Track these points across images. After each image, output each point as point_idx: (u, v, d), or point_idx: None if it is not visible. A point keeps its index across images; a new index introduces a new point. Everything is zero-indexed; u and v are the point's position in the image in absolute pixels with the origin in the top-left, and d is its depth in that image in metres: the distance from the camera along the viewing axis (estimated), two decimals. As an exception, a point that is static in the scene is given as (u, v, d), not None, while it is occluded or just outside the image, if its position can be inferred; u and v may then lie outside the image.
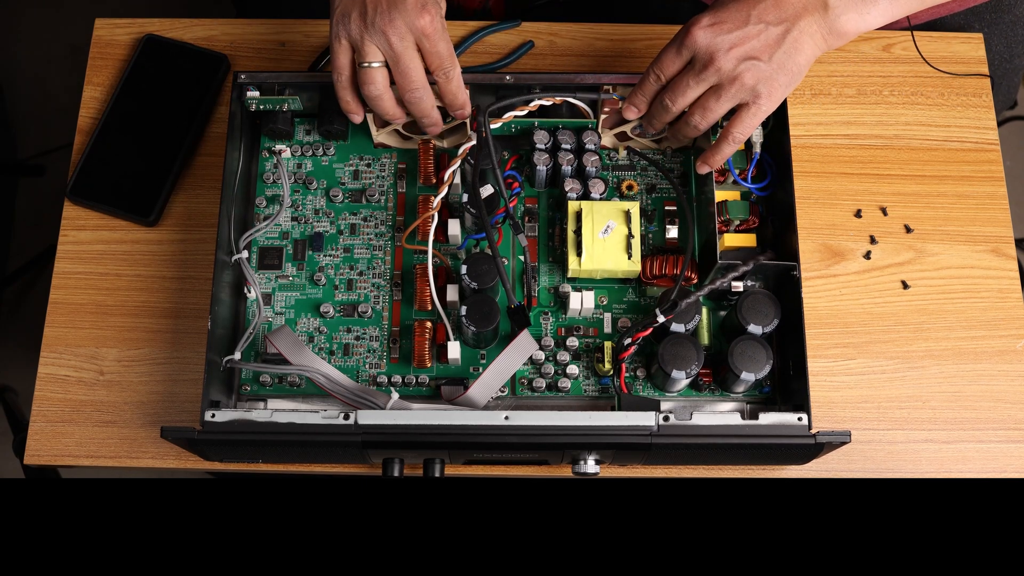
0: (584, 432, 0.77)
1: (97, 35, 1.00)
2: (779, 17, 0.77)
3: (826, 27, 0.78)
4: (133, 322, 0.90)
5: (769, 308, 0.83)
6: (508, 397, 0.87)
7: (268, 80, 0.89)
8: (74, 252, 0.93)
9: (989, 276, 0.92)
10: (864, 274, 0.92)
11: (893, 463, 0.87)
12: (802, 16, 0.78)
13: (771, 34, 0.77)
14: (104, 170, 0.94)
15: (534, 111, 0.88)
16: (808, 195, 0.94)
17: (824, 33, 0.79)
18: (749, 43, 0.77)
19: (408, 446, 0.79)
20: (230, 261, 0.86)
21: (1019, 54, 1.07)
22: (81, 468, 0.88)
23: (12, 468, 1.59)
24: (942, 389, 0.89)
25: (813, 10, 0.78)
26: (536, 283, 0.89)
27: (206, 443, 0.77)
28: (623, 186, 0.92)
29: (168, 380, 0.88)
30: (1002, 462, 0.87)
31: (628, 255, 0.86)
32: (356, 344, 0.88)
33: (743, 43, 0.77)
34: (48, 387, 0.88)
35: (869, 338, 0.90)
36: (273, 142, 0.93)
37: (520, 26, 1.00)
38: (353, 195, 0.92)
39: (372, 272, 0.90)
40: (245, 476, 0.97)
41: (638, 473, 0.87)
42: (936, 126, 0.97)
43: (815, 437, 0.77)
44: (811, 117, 0.98)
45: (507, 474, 0.88)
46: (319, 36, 1.00)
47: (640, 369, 0.87)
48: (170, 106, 0.96)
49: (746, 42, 0.77)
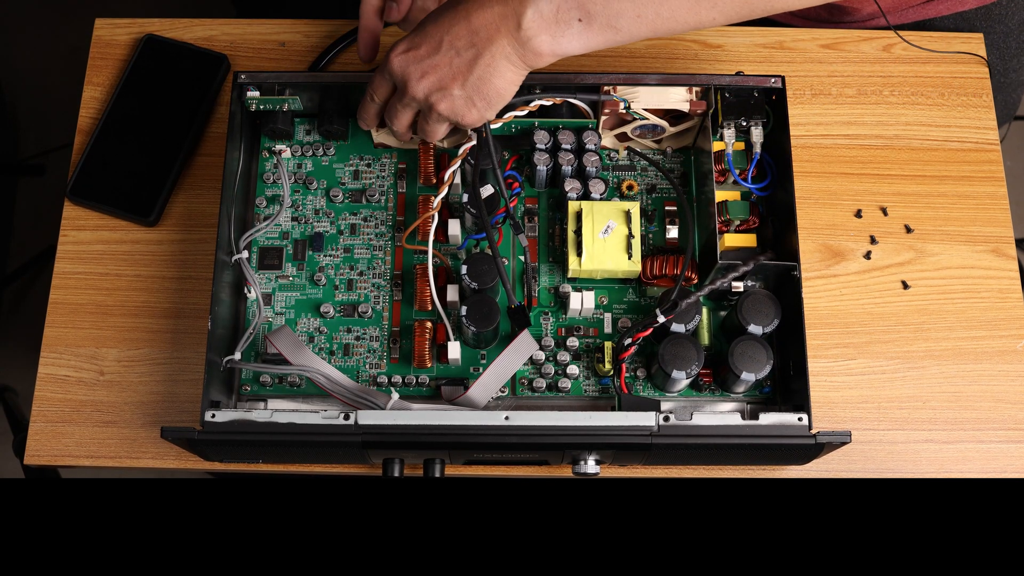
0: (584, 432, 0.77)
1: (97, 35, 1.00)
2: (470, 42, 0.76)
3: (520, 48, 0.76)
4: (133, 322, 0.90)
5: (769, 308, 0.83)
6: (508, 397, 0.87)
7: (268, 80, 0.89)
8: (74, 252, 0.93)
9: (989, 276, 0.92)
10: (864, 274, 0.92)
11: (893, 463, 0.87)
12: (494, 39, 0.76)
13: (462, 60, 0.76)
14: (104, 170, 0.94)
15: (534, 111, 0.88)
16: (808, 195, 0.94)
17: (520, 54, 0.76)
18: (439, 72, 0.77)
19: (408, 446, 0.79)
20: (230, 261, 0.86)
21: (1014, 68, 1.06)
22: (81, 468, 0.88)
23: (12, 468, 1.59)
24: (942, 389, 0.89)
25: (506, 32, 0.75)
26: (536, 283, 0.89)
27: (206, 443, 0.77)
28: (623, 186, 0.92)
29: (168, 380, 0.88)
30: (1002, 462, 0.87)
31: (628, 255, 0.86)
32: (356, 344, 0.88)
33: (433, 71, 0.77)
34: (48, 387, 0.88)
35: (869, 338, 0.90)
36: (273, 142, 0.93)
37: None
38: (353, 195, 0.92)
39: (372, 272, 0.90)
40: (245, 476, 0.98)
41: (638, 473, 0.87)
42: (936, 126, 0.97)
43: (815, 437, 0.77)
44: (811, 117, 0.98)
45: (507, 474, 0.88)
46: (319, 36, 1.00)
47: (640, 369, 0.87)
48: (170, 106, 0.96)
49: (436, 71, 0.77)
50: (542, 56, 0.76)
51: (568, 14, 0.74)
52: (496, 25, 0.75)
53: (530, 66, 0.77)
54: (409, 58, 0.78)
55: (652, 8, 0.75)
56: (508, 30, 0.75)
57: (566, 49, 0.76)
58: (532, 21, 0.74)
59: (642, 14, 0.75)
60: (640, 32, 0.76)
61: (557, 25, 0.75)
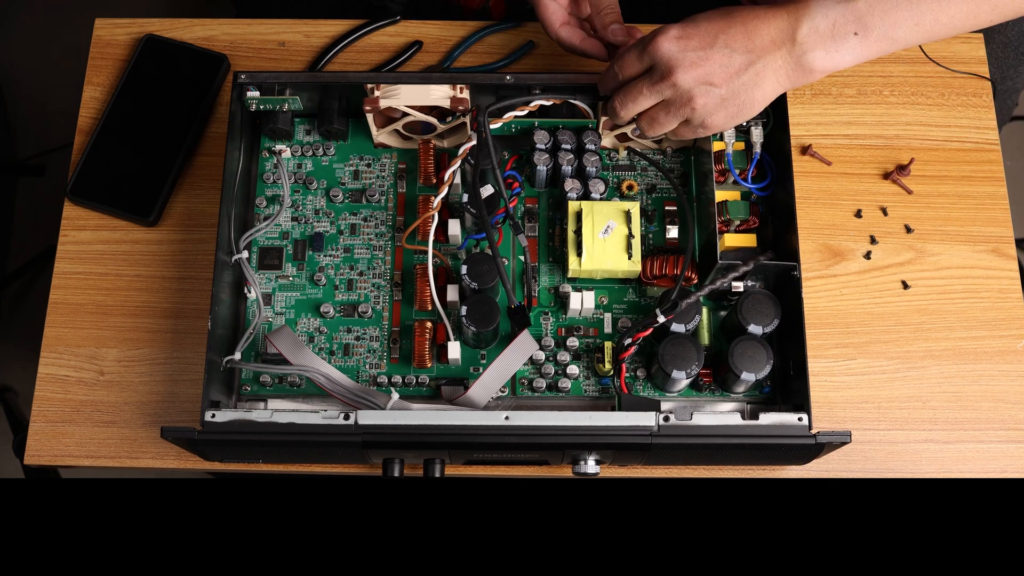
0: (584, 432, 0.77)
1: (97, 35, 1.00)
2: (747, 47, 0.75)
3: (792, 63, 0.75)
4: (133, 322, 0.90)
5: (769, 308, 0.83)
6: (508, 397, 0.87)
7: (268, 80, 0.89)
8: (74, 252, 0.93)
9: (989, 276, 0.92)
10: (864, 274, 0.92)
11: (893, 463, 0.87)
12: (770, 50, 0.75)
13: (735, 62, 0.76)
14: (104, 170, 0.94)
15: (534, 111, 0.88)
16: (808, 195, 0.94)
17: (789, 69, 0.76)
18: (710, 65, 0.76)
19: (408, 446, 0.79)
20: (230, 261, 0.86)
21: (1011, 76, 1.06)
22: (81, 468, 0.88)
23: (12, 468, 1.59)
24: (942, 389, 0.89)
25: (781, 44, 0.75)
26: (536, 283, 0.89)
27: (206, 443, 0.77)
28: (623, 186, 0.92)
29: (168, 380, 0.88)
30: (1002, 462, 0.87)
31: (628, 255, 0.86)
32: (356, 344, 0.88)
33: (704, 63, 0.76)
34: (48, 387, 0.88)
35: (869, 338, 0.90)
36: (273, 142, 0.93)
37: (520, 26, 1.01)
38: (353, 195, 0.92)
39: (372, 272, 0.90)
40: (245, 476, 0.97)
41: (638, 473, 0.87)
42: (936, 126, 0.97)
43: (815, 437, 0.77)
44: (811, 117, 0.98)
45: (507, 474, 0.88)
46: (319, 36, 1.00)
47: (640, 369, 0.87)
48: (170, 106, 0.96)
49: (707, 63, 0.76)
50: (813, 73, 0.75)
51: (844, 28, 0.73)
52: (772, 37, 0.75)
53: (794, 84, 0.77)
54: (683, 45, 0.76)
55: (931, 15, 0.73)
56: (783, 42, 0.74)
57: (838, 64, 0.75)
58: (807, 36, 0.74)
59: (920, 22, 0.73)
60: (914, 40, 0.74)
61: (833, 40, 0.74)
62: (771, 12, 0.75)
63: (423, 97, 0.87)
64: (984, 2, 0.73)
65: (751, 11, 0.76)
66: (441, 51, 1.00)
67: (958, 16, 0.74)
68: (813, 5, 0.74)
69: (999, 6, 0.74)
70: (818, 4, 0.74)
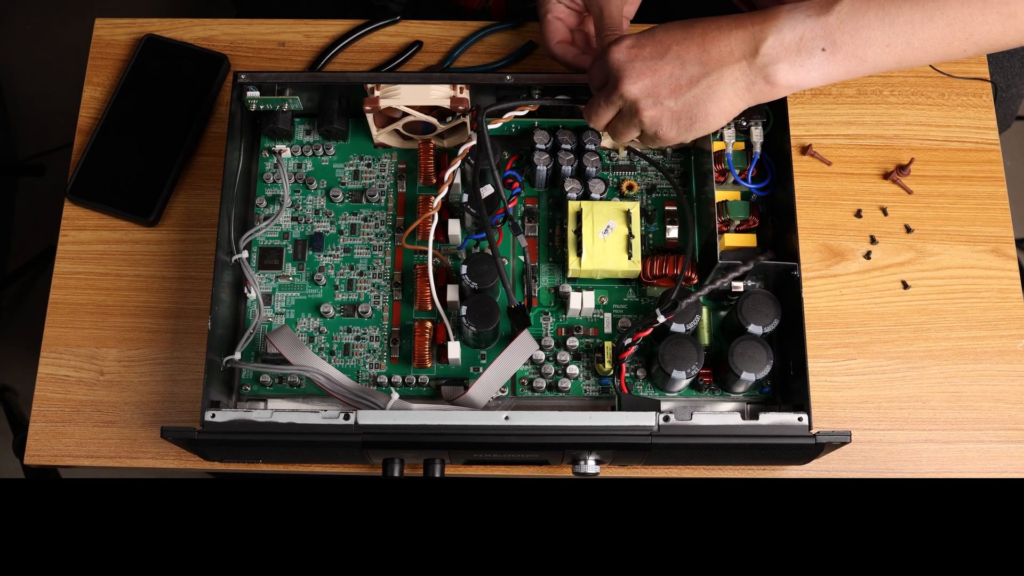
0: (584, 432, 0.77)
1: (97, 35, 1.00)
2: (701, 58, 0.73)
3: (753, 75, 0.72)
4: (133, 322, 0.90)
5: (769, 308, 0.83)
6: (508, 397, 0.87)
7: (268, 80, 0.89)
8: (74, 252, 0.93)
9: (989, 276, 0.92)
10: (864, 274, 0.92)
11: (893, 463, 0.87)
12: (727, 63, 0.72)
13: (686, 74, 0.73)
14: (104, 170, 0.94)
15: (534, 111, 0.88)
16: (808, 195, 0.94)
17: (749, 82, 0.73)
18: (658, 76, 0.73)
19: (408, 446, 0.79)
20: (230, 261, 0.86)
21: (1015, 83, 1.06)
22: (81, 468, 0.88)
23: (12, 468, 1.59)
24: (942, 389, 0.89)
25: (741, 57, 0.72)
26: (536, 283, 0.89)
27: (206, 443, 0.77)
28: (623, 186, 0.92)
29: (168, 380, 0.88)
30: (1002, 462, 0.87)
31: (628, 255, 0.86)
32: (356, 344, 0.88)
33: (651, 74, 0.74)
34: (48, 387, 0.88)
35: (869, 338, 0.90)
36: (273, 142, 0.93)
37: (520, 26, 1.01)
38: (353, 195, 0.92)
39: (372, 272, 0.90)
40: (245, 476, 0.97)
41: (638, 473, 0.87)
42: (936, 126, 0.97)
43: (815, 437, 0.77)
44: (811, 117, 0.98)
45: (507, 474, 0.88)
46: (319, 36, 1.00)
47: (640, 369, 0.87)
48: (170, 106, 0.96)
49: (655, 74, 0.73)
50: (776, 87, 0.73)
51: (812, 43, 0.71)
52: (731, 49, 0.72)
53: (756, 99, 0.74)
54: (631, 55, 0.74)
55: (903, 37, 0.71)
56: (743, 55, 0.72)
57: (803, 80, 0.72)
58: (772, 48, 0.71)
59: (891, 43, 0.71)
60: (885, 63, 0.72)
61: (799, 54, 0.71)
62: (735, 23, 0.73)
63: (423, 97, 0.87)
64: (959, 29, 0.70)
65: (714, 22, 0.74)
66: (441, 51, 1.00)
67: (931, 41, 0.71)
68: (782, 18, 0.72)
69: (973, 36, 0.71)
70: (787, 17, 0.72)
